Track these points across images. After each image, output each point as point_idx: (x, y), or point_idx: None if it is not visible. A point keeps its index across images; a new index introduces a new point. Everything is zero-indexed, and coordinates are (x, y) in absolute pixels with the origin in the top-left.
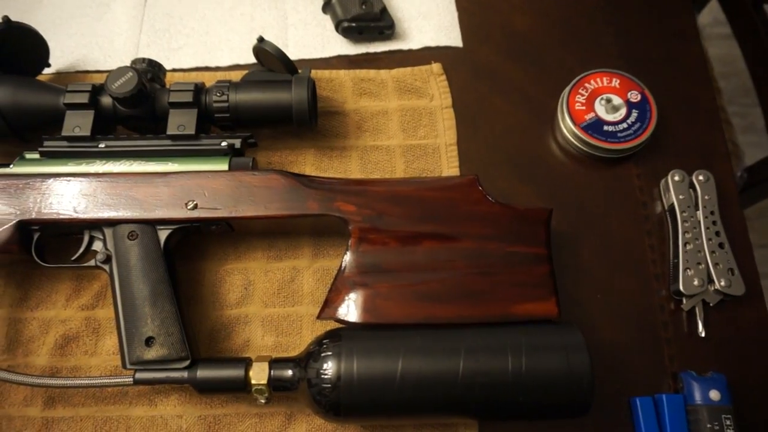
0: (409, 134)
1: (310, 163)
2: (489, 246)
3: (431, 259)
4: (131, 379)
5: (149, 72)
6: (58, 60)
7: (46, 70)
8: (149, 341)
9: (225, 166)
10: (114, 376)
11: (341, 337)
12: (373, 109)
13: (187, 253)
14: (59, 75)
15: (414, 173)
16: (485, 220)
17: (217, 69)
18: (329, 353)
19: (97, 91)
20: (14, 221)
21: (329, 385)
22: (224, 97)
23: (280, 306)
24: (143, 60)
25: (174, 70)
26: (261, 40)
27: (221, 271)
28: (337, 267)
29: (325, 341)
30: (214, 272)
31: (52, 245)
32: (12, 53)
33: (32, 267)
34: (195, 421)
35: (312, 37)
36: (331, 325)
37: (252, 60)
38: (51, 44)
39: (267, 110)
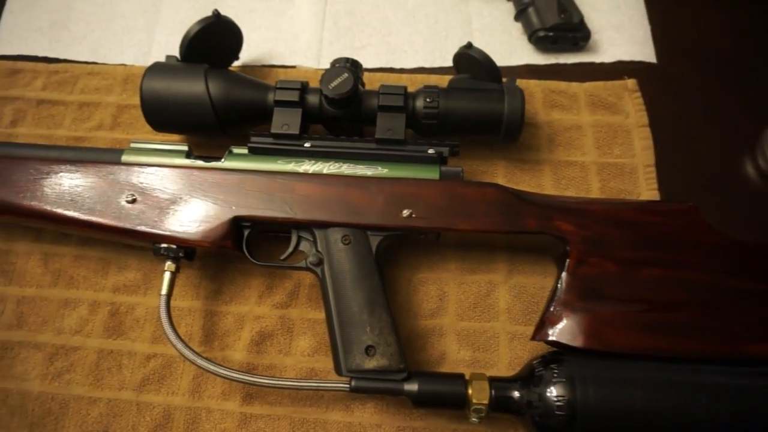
0: (603, 152)
1: (501, 175)
2: (716, 279)
3: (654, 288)
4: (348, 386)
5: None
6: (243, 53)
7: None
8: (369, 350)
9: (435, 175)
10: (329, 381)
11: (569, 362)
12: (566, 122)
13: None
14: (244, 68)
15: (610, 194)
16: (711, 251)
17: (402, 71)
18: (561, 379)
19: (305, 89)
20: (230, 216)
21: (562, 413)
22: (434, 104)
23: (476, 320)
24: (347, 60)
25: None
26: (469, 46)
27: (414, 280)
28: (535, 285)
29: (552, 365)
30: (407, 280)
31: (254, 243)
32: (213, 45)
33: (224, 261)
34: None
35: (498, 43)
36: (534, 345)
37: (437, 64)
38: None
39: (476, 119)
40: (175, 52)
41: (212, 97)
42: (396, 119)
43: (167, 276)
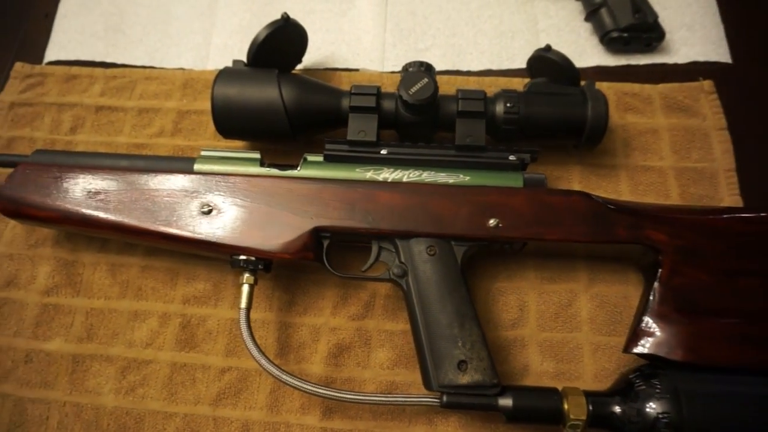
0: (681, 156)
1: (576, 181)
2: None
3: (751, 299)
4: (438, 401)
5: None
6: (304, 56)
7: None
8: (461, 365)
9: (519, 183)
10: (418, 395)
11: (670, 376)
12: (641, 126)
13: None
14: (306, 71)
15: (691, 200)
16: None
17: (469, 74)
18: (665, 394)
19: (380, 94)
20: (310, 227)
21: (667, 431)
22: (515, 108)
23: (558, 331)
24: (420, 64)
25: None
26: (548, 48)
27: (493, 290)
28: (617, 294)
29: (653, 380)
30: (485, 290)
31: (332, 253)
32: (279, 49)
33: (296, 271)
34: None
35: (566, 44)
36: (620, 357)
37: (504, 66)
38: None
39: (557, 125)
40: (234, 55)
41: (285, 102)
42: (476, 125)
43: (246, 289)
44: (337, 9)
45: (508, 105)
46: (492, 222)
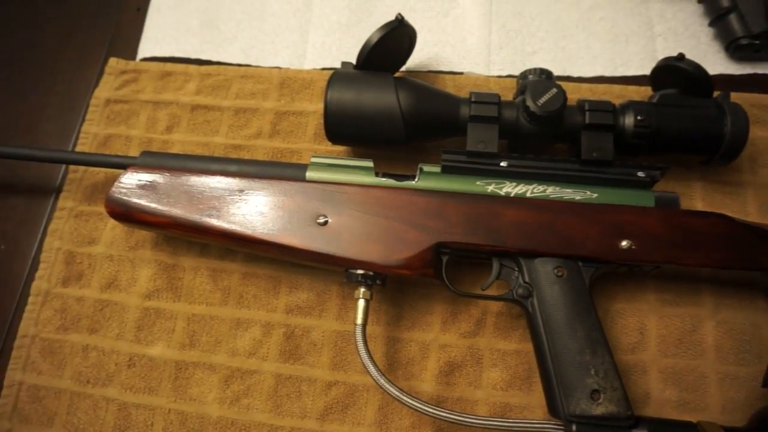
0: None
1: (699, 198)
2: None
3: None
4: (563, 430)
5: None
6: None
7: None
8: (594, 395)
9: (650, 202)
10: (543, 422)
11: None
12: None
13: None
14: (409, 74)
15: None
16: None
17: (580, 80)
18: None
19: (500, 103)
20: (432, 243)
21: None
22: (646, 122)
23: (681, 357)
24: (542, 71)
25: None
26: (681, 57)
27: (611, 311)
28: (745, 321)
29: None
30: (603, 311)
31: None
32: (387, 51)
33: (403, 284)
34: None
35: (685, 50)
36: (752, 389)
37: (618, 72)
38: None
39: (691, 140)
40: (332, 54)
41: (402, 108)
42: (603, 138)
43: (362, 304)
44: (439, 8)
45: (639, 118)
46: (624, 244)
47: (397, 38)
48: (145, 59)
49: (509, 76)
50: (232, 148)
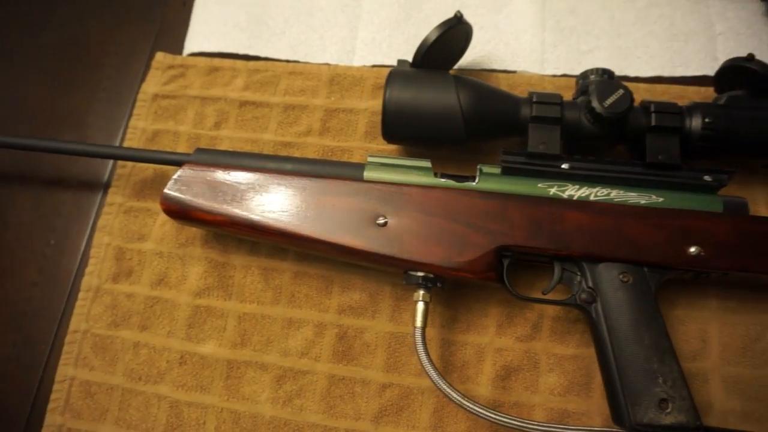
0: None
1: (763, 204)
2: None
3: None
4: None
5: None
6: None
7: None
8: (663, 404)
9: (719, 207)
10: (604, 429)
11: None
12: None
13: None
14: (461, 72)
15: None
16: None
17: (637, 80)
18: None
19: (563, 104)
20: (494, 246)
21: None
22: (714, 125)
23: (745, 366)
24: (604, 71)
25: None
26: (751, 57)
27: (671, 317)
28: None
29: None
30: (663, 317)
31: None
32: (443, 49)
33: (458, 286)
34: None
35: (746, 50)
36: None
37: (677, 72)
38: None
39: (758, 143)
40: (383, 51)
41: (463, 108)
42: (670, 141)
43: (421, 307)
44: (491, 5)
45: (707, 120)
46: (693, 250)
47: (453, 36)
48: (192, 54)
49: (564, 75)
50: (282, 146)
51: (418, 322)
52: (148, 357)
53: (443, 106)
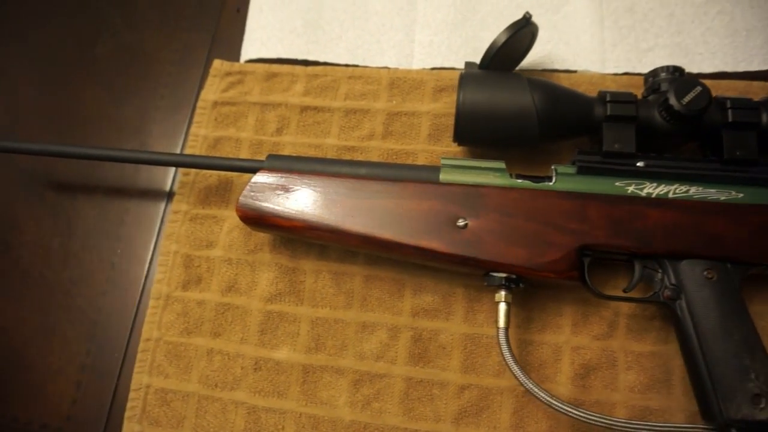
0: None
1: None
2: None
3: None
4: None
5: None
6: None
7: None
8: (756, 399)
9: None
10: (697, 426)
11: None
12: None
13: None
14: (522, 71)
15: None
16: None
17: (700, 76)
18: None
19: (638, 102)
20: (576, 245)
21: None
22: None
23: None
24: (675, 68)
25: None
26: None
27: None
28: None
29: None
30: (763, 317)
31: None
32: (510, 49)
33: (532, 286)
34: None
35: None
36: None
37: (741, 68)
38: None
39: None
40: (441, 53)
41: (537, 109)
42: (747, 137)
43: (503, 307)
44: (549, 5)
45: None
46: None
47: (520, 37)
48: (249, 61)
49: (626, 73)
50: (345, 150)
51: (501, 323)
52: (223, 364)
53: (518, 108)
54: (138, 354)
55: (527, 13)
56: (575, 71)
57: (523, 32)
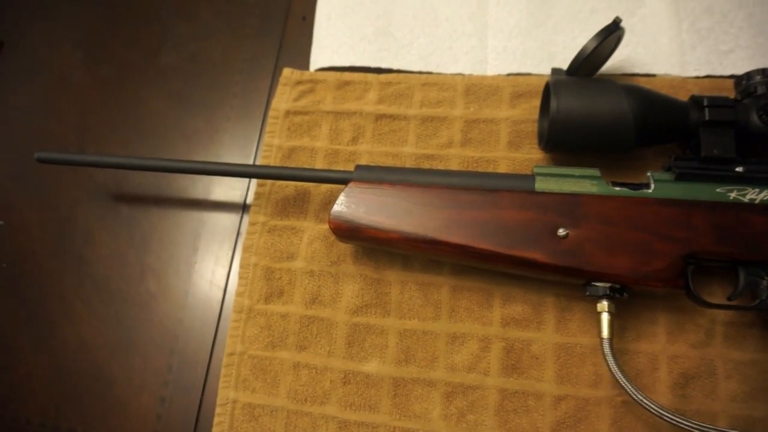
0: None
1: None
2: None
3: None
4: None
5: None
6: None
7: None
8: None
9: None
10: None
11: None
12: None
13: None
14: (602, 76)
15: None
16: None
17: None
18: None
19: (736, 107)
20: (682, 254)
21: None
22: None
23: None
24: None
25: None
26: None
27: None
28: None
29: None
30: None
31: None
32: (596, 55)
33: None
34: None
35: None
36: None
37: None
38: (578, 41)
39: None
40: (516, 59)
41: (633, 115)
42: None
43: (606, 317)
44: (623, 8)
45: None
46: None
47: (607, 42)
48: (320, 69)
49: (708, 76)
50: (424, 158)
51: (605, 333)
52: (310, 377)
53: (614, 114)
54: (222, 368)
55: (617, 17)
56: (655, 75)
57: (610, 37)
